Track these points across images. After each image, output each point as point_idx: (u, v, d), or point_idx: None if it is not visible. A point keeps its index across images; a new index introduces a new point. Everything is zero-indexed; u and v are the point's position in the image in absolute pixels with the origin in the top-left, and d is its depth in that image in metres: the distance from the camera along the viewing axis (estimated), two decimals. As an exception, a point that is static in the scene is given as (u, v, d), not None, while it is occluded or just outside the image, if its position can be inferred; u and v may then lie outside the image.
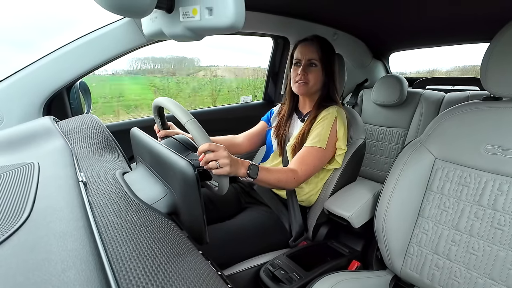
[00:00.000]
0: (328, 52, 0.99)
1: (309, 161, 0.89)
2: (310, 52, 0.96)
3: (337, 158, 0.96)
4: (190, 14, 0.41)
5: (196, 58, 3.64)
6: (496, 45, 0.66)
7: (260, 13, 1.20)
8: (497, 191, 0.68)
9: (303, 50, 0.98)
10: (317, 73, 0.97)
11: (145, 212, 0.45)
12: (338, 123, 0.94)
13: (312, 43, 0.97)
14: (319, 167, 0.94)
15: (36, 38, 1.81)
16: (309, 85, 0.97)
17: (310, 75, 0.96)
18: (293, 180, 0.86)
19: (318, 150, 0.90)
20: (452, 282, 0.72)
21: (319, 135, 0.91)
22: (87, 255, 0.30)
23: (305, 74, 0.96)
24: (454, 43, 1.71)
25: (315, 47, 0.96)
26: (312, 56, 0.96)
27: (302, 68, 0.96)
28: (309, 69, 0.97)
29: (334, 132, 0.93)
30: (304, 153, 0.91)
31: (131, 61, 3.18)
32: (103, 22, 0.95)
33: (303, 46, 0.98)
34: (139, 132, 0.68)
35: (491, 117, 0.71)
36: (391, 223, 0.81)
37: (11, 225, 0.33)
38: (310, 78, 0.96)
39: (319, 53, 0.96)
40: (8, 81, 0.86)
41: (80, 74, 0.93)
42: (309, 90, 0.98)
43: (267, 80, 1.69)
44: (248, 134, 1.16)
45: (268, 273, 0.82)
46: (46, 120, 0.74)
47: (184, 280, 0.31)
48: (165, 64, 3.48)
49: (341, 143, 0.94)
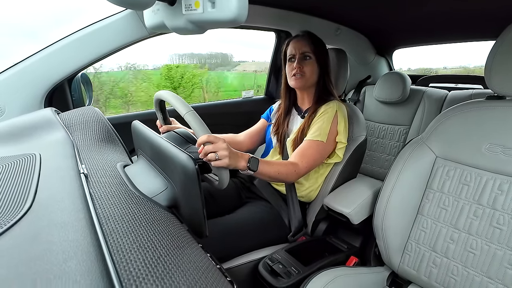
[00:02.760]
0: (320, 46, 1.00)
1: (310, 154, 0.90)
2: (303, 45, 0.97)
3: (338, 152, 0.97)
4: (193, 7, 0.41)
5: (229, 53, 3.66)
6: (502, 44, 0.66)
7: (263, 7, 1.19)
8: (497, 191, 0.68)
9: (296, 44, 0.99)
10: (312, 65, 0.98)
11: (145, 205, 0.45)
12: (338, 117, 0.95)
13: (303, 37, 0.99)
14: (320, 160, 0.94)
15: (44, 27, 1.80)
16: (305, 77, 0.97)
17: (306, 67, 0.97)
18: (293, 173, 0.86)
19: (318, 144, 0.91)
20: (449, 280, 0.72)
21: (319, 129, 0.92)
22: (88, 246, 0.30)
23: (301, 67, 0.97)
24: (459, 41, 1.69)
25: (307, 41, 0.98)
26: (305, 49, 0.97)
27: (297, 62, 0.97)
28: (304, 62, 0.97)
29: (334, 126, 0.94)
30: (304, 146, 0.91)
31: (172, 56, 3.19)
32: (108, 11, 0.94)
33: (295, 41, 1.00)
34: (140, 125, 0.68)
35: (494, 116, 0.70)
36: (390, 220, 0.82)
37: (13, 216, 0.33)
38: (306, 70, 0.97)
39: (312, 46, 0.97)
40: (9, 72, 0.86)
41: (81, 66, 0.93)
42: (306, 82, 0.99)
43: (269, 75, 1.68)
44: (249, 132, 1.16)
45: (266, 267, 0.83)
46: (47, 111, 0.74)
47: (183, 272, 0.32)
48: (207, 59, 3.51)
49: (342, 137, 0.94)
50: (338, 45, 1.51)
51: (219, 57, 3.51)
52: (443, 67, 4.23)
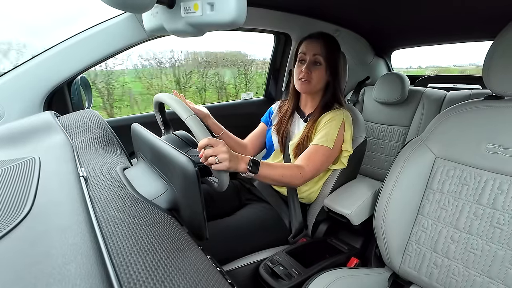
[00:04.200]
0: (334, 50, 0.96)
1: (316, 158, 0.89)
2: (315, 49, 0.94)
3: (343, 160, 0.97)
4: (192, 10, 0.41)
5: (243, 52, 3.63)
6: (499, 43, 0.66)
7: (261, 9, 1.19)
8: (497, 190, 0.68)
9: (308, 47, 0.96)
10: (321, 72, 0.95)
11: (145, 208, 0.45)
12: (345, 126, 0.94)
13: (317, 40, 0.95)
14: (326, 166, 0.94)
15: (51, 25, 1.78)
16: (311, 84, 0.96)
17: (314, 73, 0.95)
18: (299, 176, 0.84)
19: (325, 149, 0.90)
20: (450, 280, 0.72)
21: (327, 135, 0.91)
22: (87, 249, 0.30)
23: (309, 72, 0.95)
24: (457, 42, 1.70)
25: (320, 44, 0.94)
26: (316, 52, 0.94)
27: (306, 66, 0.95)
28: (313, 67, 0.95)
29: (341, 134, 0.93)
30: (311, 151, 0.90)
31: (186, 54, 3.15)
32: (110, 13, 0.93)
33: (308, 43, 0.97)
34: (140, 128, 0.68)
35: (493, 116, 0.70)
36: (391, 221, 0.82)
37: (13, 220, 0.33)
38: (313, 77, 0.95)
39: (324, 51, 0.94)
40: (8, 76, 0.86)
41: (81, 69, 0.93)
42: (312, 89, 0.97)
43: (268, 77, 1.69)
44: (251, 137, 1.16)
45: (267, 269, 0.83)
46: (47, 115, 0.74)
47: (184, 275, 0.32)
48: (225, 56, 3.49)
49: (348, 146, 0.94)
50: (336, 46, 1.52)
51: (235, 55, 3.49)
52: (452, 65, 4.19)
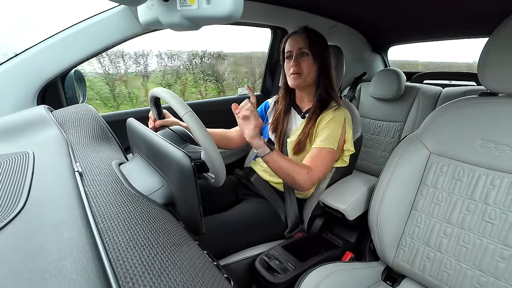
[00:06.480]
0: (318, 42, 0.98)
1: (323, 161, 0.90)
2: (299, 42, 0.97)
3: (345, 158, 0.98)
4: (187, 3, 0.41)
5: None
6: (495, 40, 0.66)
7: (258, 3, 1.18)
8: (489, 186, 0.69)
9: (293, 41, 0.98)
10: (308, 62, 0.97)
11: (141, 203, 0.45)
12: (347, 125, 0.95)
13: (301, 34, 0.98)
14: (330, 167, 0.96)
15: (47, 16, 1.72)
16: (303, 75, 0.97)
17: (303, 64, 0.96)
18: (305, 174, 0.86)
19: (329, 151, 0.91)
20: (442, 273, 0.74)
21: (331, 137, 0.92)
22: (83, 245, 0.30)
23: (298, 64, 0.96)
24: (453, 38, 1.70)
25: (304, 37, 0.97)
26: (301, 46, 0.96)
27: (294, 59, 0.97)
28: (300, 58, 0.97)
29: (343, 135, 0.95)
30: (316, 153, 0.91)
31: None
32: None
33: (292, 38, 0.99)
34: (135, 123, 0.67)
35: (487, 112, 0.71)
36: (385, 216, 0.83)
37: (6, 215, 0.33)
38: (303, 68, 0.96)
39: (309, 43, 0.96)
40: (0, 69, 0.85)
41: (74, 63, 0.92)
42: (304, 80, 0.98)
43: (265, 72, 1.68)
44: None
45: (263, 263, 0.84)
46: (40, 109, 0.73)
47: (180, 269, 0.32)
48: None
49: (349, 145, 0.96)
50: (334, 42, 1.51)
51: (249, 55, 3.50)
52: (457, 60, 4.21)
